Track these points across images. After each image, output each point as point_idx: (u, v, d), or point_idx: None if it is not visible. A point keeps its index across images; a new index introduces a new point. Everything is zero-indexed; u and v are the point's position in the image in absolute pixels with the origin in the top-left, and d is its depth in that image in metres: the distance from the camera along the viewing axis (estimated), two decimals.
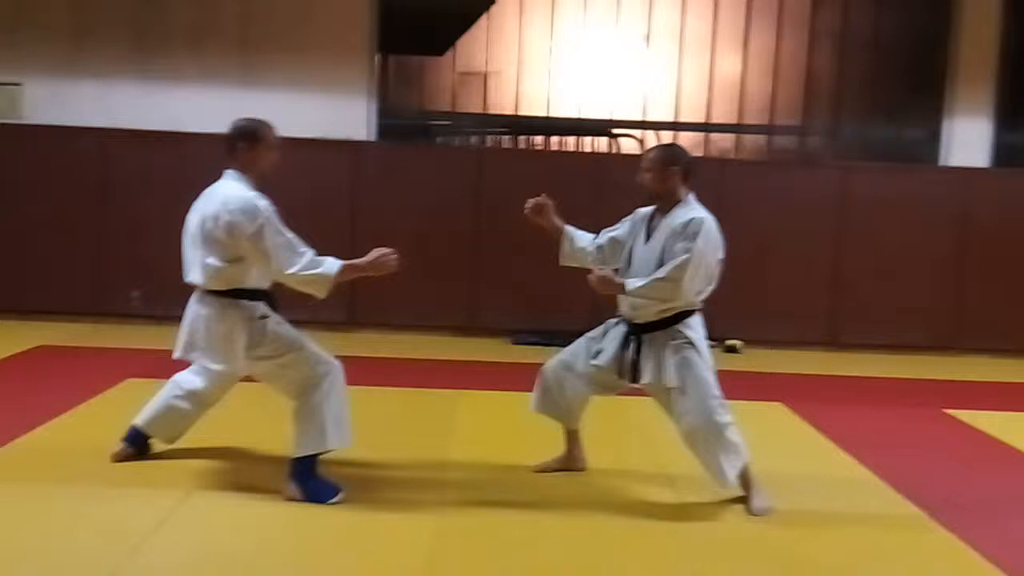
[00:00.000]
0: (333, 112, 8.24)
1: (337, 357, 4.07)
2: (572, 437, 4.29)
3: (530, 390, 6.21)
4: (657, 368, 3.83)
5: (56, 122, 8.04)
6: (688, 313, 3.85)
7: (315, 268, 3.73)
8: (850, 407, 5.95)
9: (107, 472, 4.06)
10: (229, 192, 3.86)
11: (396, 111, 8.81)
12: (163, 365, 6.41)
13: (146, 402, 4.28)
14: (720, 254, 3.84)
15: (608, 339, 4.03)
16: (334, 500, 3.73)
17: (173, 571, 3.09)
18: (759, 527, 3.70)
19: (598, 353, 4.02)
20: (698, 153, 8.94)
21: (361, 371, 6.54)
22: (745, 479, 3.90)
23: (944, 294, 8.36)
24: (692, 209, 3.83)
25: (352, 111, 8.30)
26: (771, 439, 4.88)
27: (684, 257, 3.67)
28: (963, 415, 5.85)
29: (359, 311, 8.22)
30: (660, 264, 3.76)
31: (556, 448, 4.30)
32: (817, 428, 5.31)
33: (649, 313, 3.83)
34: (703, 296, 3.87)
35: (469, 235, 8.17)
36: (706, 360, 3.86)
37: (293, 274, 3.71)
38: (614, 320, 4.06)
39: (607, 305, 4.09)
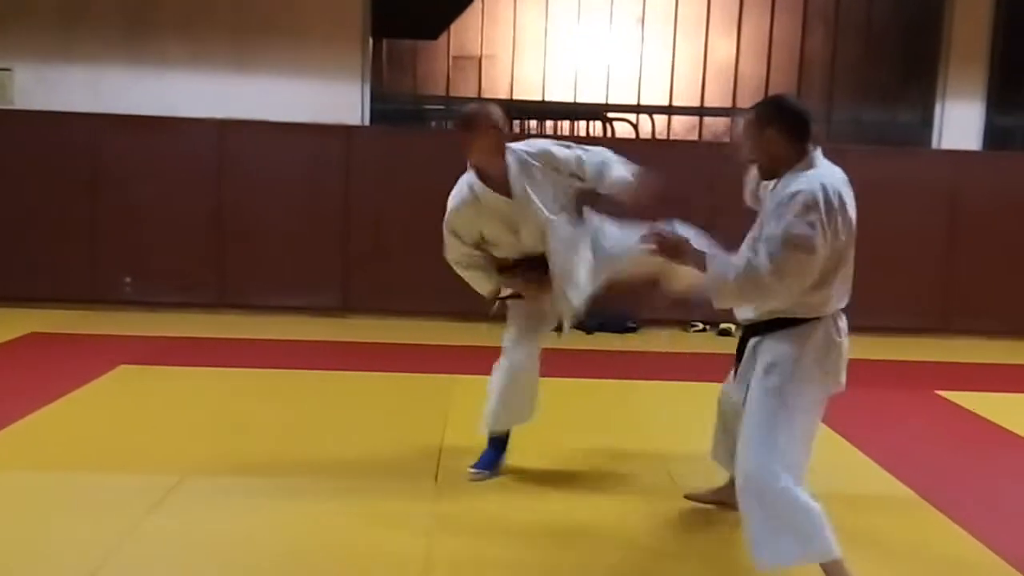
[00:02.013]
0: (326, 97, 8.20)
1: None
2: None
3: None
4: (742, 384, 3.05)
5: (46, 108, 7.99)
6: (806, 320, 2.88)
7: None
8: None
9: (101, 458, 4.07)
10: None
11: (389, 96, 8.78)
12: (156, 352, 6.44)
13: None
14: (843, 236, 2.81)
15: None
16: (475, 469, 3.91)
17: (166, 555, 3.09)
18: None
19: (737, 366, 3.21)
20: (692, 137, 8.94)
21: (356, 357, 6.57)
22: None
23: (935, 276, 8.38)
24: (804, 176, 2.85)
25: (345, 96, 8.26)
26: None
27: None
28: (955, 396, 5.88)
29: (353, 296, 8.23)
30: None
31: (550, 432, 4.29)
32: None
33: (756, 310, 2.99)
34: (823, 295, 2.85)
35: None
36: (796, 393, 2.84)
37: None
38: None
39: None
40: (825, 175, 2.87)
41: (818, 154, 2.94)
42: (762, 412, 2.85)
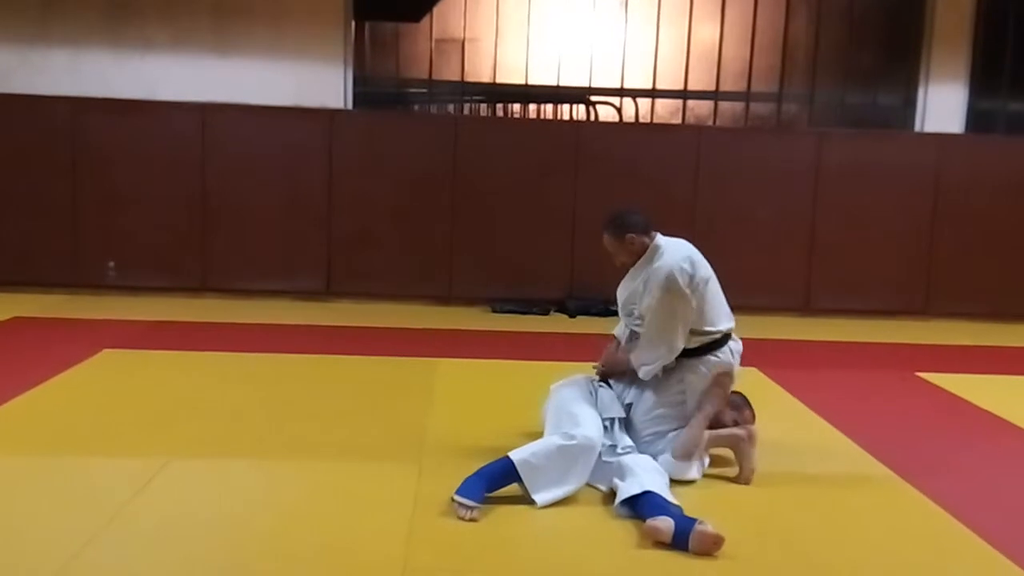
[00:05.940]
0: (308, 80, 8.18)
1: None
2: None
3: (509, 357, 6.25)
4: None
5: (27, 91, 7.93)
6: (713, 346, 3.85)
7: None
8: (823, 371, 6.02)
9: (85, 442, 4.06)
10: None
11: (372, 79, 8.75)
12: (139, 336, 6.43)
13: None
14: (693, 292, 3.75)
15: None
16: (459, 497, 3.36)
17: (151, 538, 3.10)
18: (734, 488, 3.77)
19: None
20: (676, 120, 8.95)
21: (339, 340, 6.58)
22: None
23: (917, 259, 8.45)
24: (660, 256, 3.83)
25: (327, 79, 8.23)
26: None
27: (651, 315, 3.77)
28: (935, 378, 5.94)
29: (336, 280, 8.22)
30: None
31: (532, 413, 4.30)
32: (791, 392, 5.38)
33: None
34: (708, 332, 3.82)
35: (446, 203, 8.16)
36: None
37: None
38: None
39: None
40: (674, 255, 3.79)
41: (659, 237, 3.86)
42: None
